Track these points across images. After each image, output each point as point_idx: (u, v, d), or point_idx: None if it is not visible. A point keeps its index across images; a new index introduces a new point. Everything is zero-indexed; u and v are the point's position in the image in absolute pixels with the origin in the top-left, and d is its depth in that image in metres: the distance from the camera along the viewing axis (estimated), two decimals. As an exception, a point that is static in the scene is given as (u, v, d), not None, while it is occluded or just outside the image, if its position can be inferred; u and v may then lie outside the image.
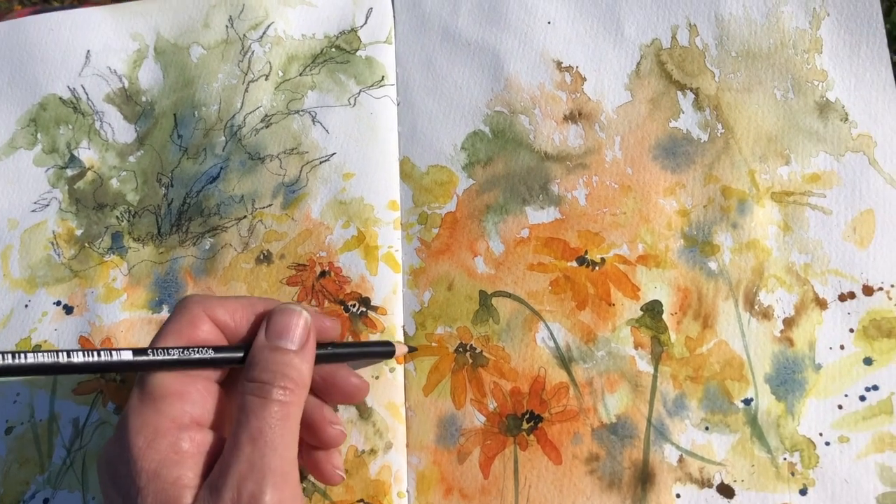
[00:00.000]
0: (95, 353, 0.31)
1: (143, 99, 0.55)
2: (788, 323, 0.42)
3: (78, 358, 0.31)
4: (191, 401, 0.34)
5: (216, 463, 0.33)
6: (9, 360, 0.29)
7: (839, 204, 0.43)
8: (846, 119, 0.44)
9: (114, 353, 0.32)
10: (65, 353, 0.31)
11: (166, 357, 0.33)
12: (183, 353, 0.34)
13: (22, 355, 0.30)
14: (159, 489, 0.32)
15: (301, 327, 0.37)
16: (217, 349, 0.36)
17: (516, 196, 0.47)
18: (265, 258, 0.49)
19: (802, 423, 0.40)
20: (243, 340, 0.38)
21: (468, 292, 0.46)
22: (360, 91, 0.51)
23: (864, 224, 0.42)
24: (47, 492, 0.47)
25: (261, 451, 0.33)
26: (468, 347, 0.45)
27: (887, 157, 0.43)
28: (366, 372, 0.45)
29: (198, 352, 0.35)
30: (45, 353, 0.30)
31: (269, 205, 0.50)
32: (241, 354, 0.36)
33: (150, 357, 0.33)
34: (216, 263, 0.49)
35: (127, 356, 0.32)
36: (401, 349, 0.44)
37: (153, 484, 0.32)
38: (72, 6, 0.59)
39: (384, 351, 0.44)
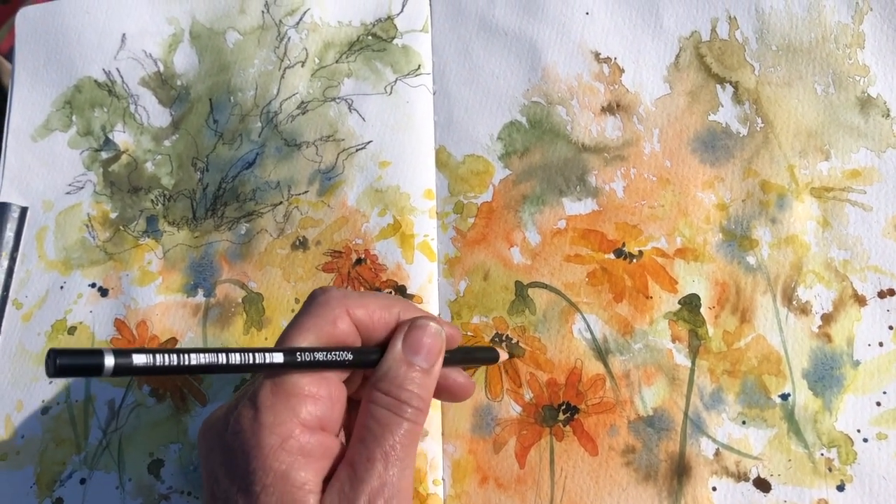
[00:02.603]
0: (250, 356, 0.32)
1: (179, 83, 0.55)
2: (826, 319, 0.42)
3: (234, 360, 0.31)
4: (322, 404, 0.34)
5: (340, 468, 0.34)
6: (174, 360, 0.30)
7: (880, 200, 0.43)
8: (888, 115, 0.44)
9: (267, 355, 0.32)
10: (224, 355, 0.31)
11: (312, 360, 0.34)
12: (327, 355, 0.34)
13: (186, 356, 0.30)
14: (285, 491, 0.32)
15: (438, 347, 0.37)
16: (354, 353, 0.36)
17: (553, 187, 0.47)
18: (301, 244, 0.49)
19: (840, 420, 0.40)
20: (377, 342, 0.37)
21: (504, 282, 0.46)
22: (397, 79, 0.51)
23: (905, 221, 0.42)
24: (84, 472, 0.47)
25: (392, 469, 0.34)
26: (504, 337, 0.45)
27: (930, 154, 0.43)
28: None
29: (338, 354, 0.35)
30: (206, 354, 0.30)
31: (305, 191, 0.50)
32: (374, 358, 0.37)
33: (299, 359, 0.33)
34: (252, 248, 0.50)
35: (278, 359, 0.33)
36: (503, 355, 0.44)
37: (280, 485, 0.32)
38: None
39: (489, 357, 0.44)
